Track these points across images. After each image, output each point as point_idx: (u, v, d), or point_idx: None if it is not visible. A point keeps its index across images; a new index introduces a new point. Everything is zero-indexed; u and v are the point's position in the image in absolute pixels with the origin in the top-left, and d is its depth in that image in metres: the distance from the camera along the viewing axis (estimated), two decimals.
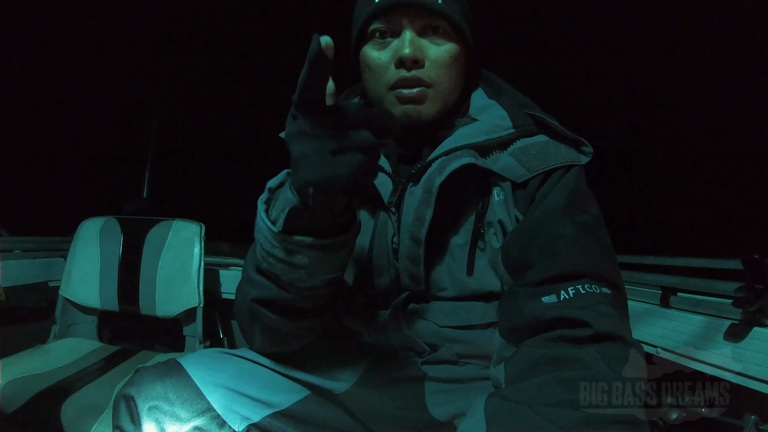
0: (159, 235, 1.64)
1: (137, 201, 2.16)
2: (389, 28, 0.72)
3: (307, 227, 0.58)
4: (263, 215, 0.60)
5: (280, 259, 0.60)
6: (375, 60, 0.73)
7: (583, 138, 0.74)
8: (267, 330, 0.70)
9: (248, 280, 0.68)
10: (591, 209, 0.69)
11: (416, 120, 0.73)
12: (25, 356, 1.39)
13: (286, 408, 0.71)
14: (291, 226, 0.58)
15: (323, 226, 0.58)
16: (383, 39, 0.73)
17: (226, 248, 2.08)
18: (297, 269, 0.60)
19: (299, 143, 0.51)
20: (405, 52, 0.70)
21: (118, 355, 1.49)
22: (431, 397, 0.76)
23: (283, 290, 0.64)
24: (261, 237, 0.61)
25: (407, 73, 0.71)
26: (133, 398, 0.64)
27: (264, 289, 0.65)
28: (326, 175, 0.50)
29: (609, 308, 0.59)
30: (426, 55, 0.71)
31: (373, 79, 0.74)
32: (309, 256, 0.59)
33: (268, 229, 0.59)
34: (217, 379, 0.67)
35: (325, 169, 0.50)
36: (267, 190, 0.64)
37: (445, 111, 0.75)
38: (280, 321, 0.67)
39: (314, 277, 0.62)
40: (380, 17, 0.72)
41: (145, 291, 1.60)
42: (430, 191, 0.70)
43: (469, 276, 0.73)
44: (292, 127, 0.52)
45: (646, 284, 1.20)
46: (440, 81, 0.73)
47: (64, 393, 1.19)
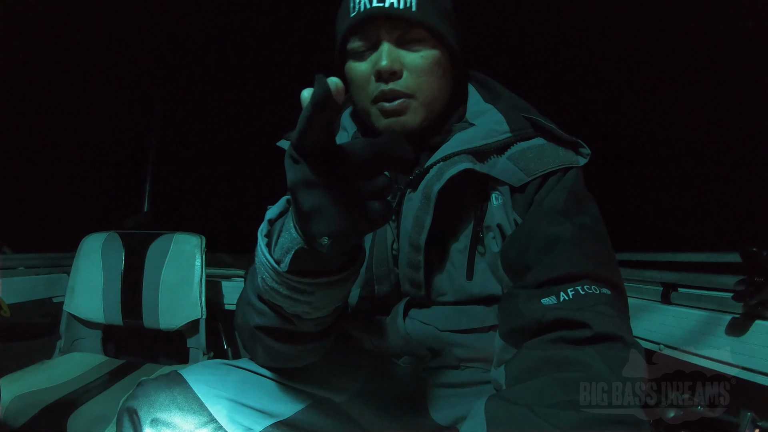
0: (160, 249, 1.65)
1: (138, 215, 2.17)
2: (366, 42, 0.72)
3: (314, 267, 0.55)
4: (265, 251, 0.56)
5: (285, 295, 0.57)
6: (356, 74, 0.73)
7: (582, 136, 0.74)
8: (270, 352, 0.69)
9: (249, 305, 0.66)
10: (590, 210, 0.69)
11: (400, 132, 0.72)
12: (31, 372, 1.40)
13: (288, 418, 0.70)
14: (297, 267, 0.54)
15: (331, 265, 0.56)
16: (362, 52, 0.73)
17: (228, 259, 2.09)
18: (303, 304, 0.58)
19: (307, 195, 0.46)
20: (382, 65, 0.69)
21: (122, 369, 1.50)
22: (433, 402, 0.76)
23: (286, 321, 0.62)
24: (263, 271, 0.57)
25: (386, 86, 0.70)
26: (136, 411, 0.64)
27: (266, 317, 0.63)
28: (344, 230, 0.46)
29: (609, 309, 0.59)
30: (404, 64, 0.71)
31: (357, 93, 0.75)
32: (315, 293, 0.57)
33: (272, 267, 0.55)
34: (219, 391, 0.67)
35: (341, 223, 0.45)
36: (266, 221, 0.60)
37: (431, 119, 0.75)
38: (284, 346, 0.66)
39: (321, 309, 0.61)
40: (357, 32, 0.72)
41: (148, 304, 1.61)
42: (429, 197, 0.70)
43: (469, 281, 0.73)
44: (295, 173, 0.46)
45: (646, 281, 1.20)
46: (421, 90, 0.72)
47: (70, 407, 1.20)
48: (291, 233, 0.53)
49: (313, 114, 0.41)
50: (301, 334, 0.65)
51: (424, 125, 0.74)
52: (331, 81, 0.41)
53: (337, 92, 0.41)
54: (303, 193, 0.46)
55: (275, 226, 0.58)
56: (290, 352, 0.68)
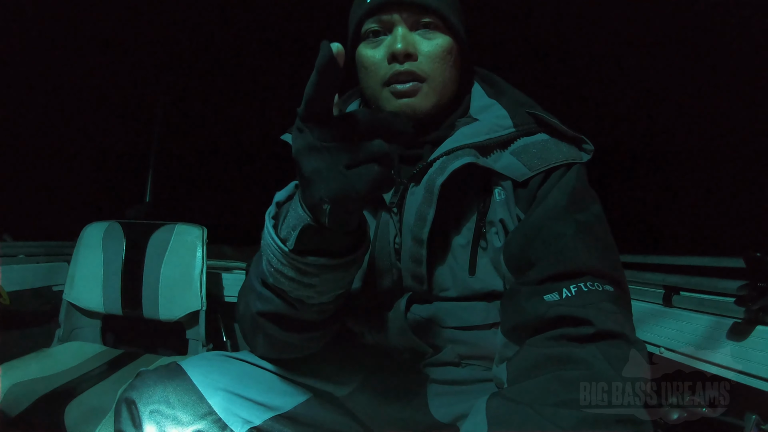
0: (161, 239, 1.64)
1: (140, 205, 2.17)
2: (382, 27, 0.73)
3: (319, 246, 0.56)
4: (272, 232, 0.58)
5: (290, 277, 0.58)
6: (369, 58, 0.74)
7: (585, 137, 0.74)
8: (269, 340, 0.70)
9: (253, 291, 0.67)
10: (593, 207, 0.69)
11: (411, 116, 0.73)
12: (29, 360, 1.40)
13: (288, 411, 0.70)
14: (303, 246, 0.56)
15: (336, 245, 0.57)
16: (376, 37, 0.74)
17: (229, 251, 2.09)
18: (307, 288, 0.59)
19: (310, 158, 0.49)
20: (397, 47, 0.70)
21: (121, 359, 1.50)
22: (433, 399, 0.76)
23: (290, 306, 0.63)
24: (269, 253, 0.59)
25: (400, 67, 0.71)
26: (135, 402, 0.64)
27: (270, 303, 0.64)
28: (343, 191, 0.48)
29: (611, 305, 0.59)
30: (418, 49, 0.72)
31: (368, 77, 0.75)
32: (320, 275, 0.58)
33: (278, 247, 0.57)
34: (218, 383, 0.67)
35: (340, 184, 0.48)
36: (274, 204, 0.62)
37: (439, 106, 0.76)
38: (285, 334, 0.67)
39: (324, 294, 0.61)
40: (373, 16, 0.73)
41: (148, 295, 1.61)
42: (432, 191, 0.70)
43: (471, 276, 0.73)
44: (299, 141, 0.50)
45: (648, 284, 1.20)
46: (434, 75, 0.73)
47: (68, 396, 1.20)
48: (297, 211, 0.55)
49: (317, 78, 0.46)
50: (303, 322, 0.66)
51: (433, 112, 0.75)
52: (333, 45, 0.45)
53: (338, 54, 0.46)
54: (305, 158, 0.49)
55: (283, 209, 0.60)
56: (291, 341, 0.68)
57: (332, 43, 0.45)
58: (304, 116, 0.48)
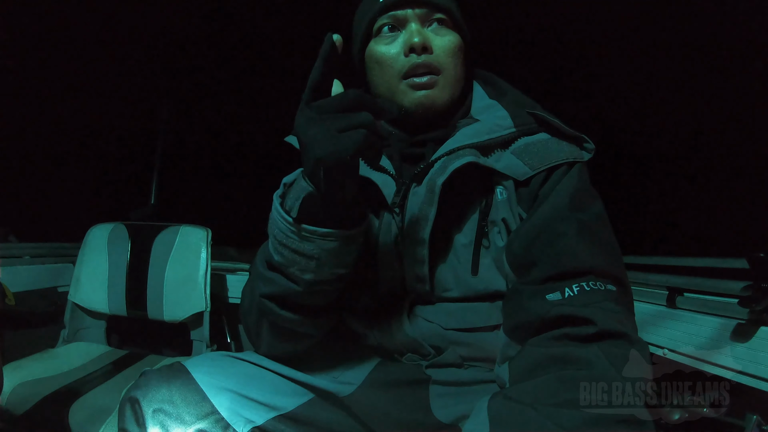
0: (166, 241, 1.65)
1: (144, 207, 2.17)
2: (395, 23, 0.76)
3: (320, 215, 0.61)
4: (278, 207, 0.64)
5: (293, 249, 0.63)
6: (384, 53, 0.76)
7: (588, 136, 0.74)
8: (274, 328, 0.71)
9: (258, 277, 0.70)
10: (594, 206, 0.69)
11: (429, 107, 0.75)
12: (34, 360, 1.41)
13: (291, 411, 0.70)
14: (305, 215, 0.62)
15: (336, 216, 0.62)
16: (391, 32, 0.76)
17: (233, 253, 2.10)
18: (309, 260, 0.63)
19: (309, 128, 0.56)
20: (415, 40, 0.73)
21: (126, 359, 1.51)
22: (436, 400, 0.76)
23: (293, 283, 0.65)
24: (275, 228, 0.65)
25: (418, 59, 0.73)
26: (138, 401, 0.64)
27: (274, 284, 0.67)
28: (334, 150, 0.54)
29: (614, 305, 0.59)
30: (433, 44, 0.75)
31: (382, 72, 0.76)
32: (321, 246, 0.62)
33: (283, 218, 0.63)
34: (221, 383, 0.67)
35: (332, 144, 0.54)
36: (282, 185, 0.68)
37: (453, 100, 0.78)
38: (288, 317, 0.68)
39: (324, 268, 0.64)
40: (386, 12, 0.76)
41: (153, 296, 1.62)
42: (433, 191, 0.70)
43: (474, 276, 0.73)
44: (301, 118, 0.57)
45: (652, 285, 1.19)
46: (448, 68, 0.75)
47: (73, 396, 1.21)
48: (300, 184, 0.63)
49: (320, 64, 0.56)
50: (305, 307, 0.68)
51: (448, 105, 0.77)
52: (333, 36, 0.56)
53: (338, 43, 0.56)
54: (304, 129, 0.56)
55: (289, 189, 0.66)
56: (293, 326, 0.70)
57: (333, 34, 0.56)
58: (308, 98, 0.57)
